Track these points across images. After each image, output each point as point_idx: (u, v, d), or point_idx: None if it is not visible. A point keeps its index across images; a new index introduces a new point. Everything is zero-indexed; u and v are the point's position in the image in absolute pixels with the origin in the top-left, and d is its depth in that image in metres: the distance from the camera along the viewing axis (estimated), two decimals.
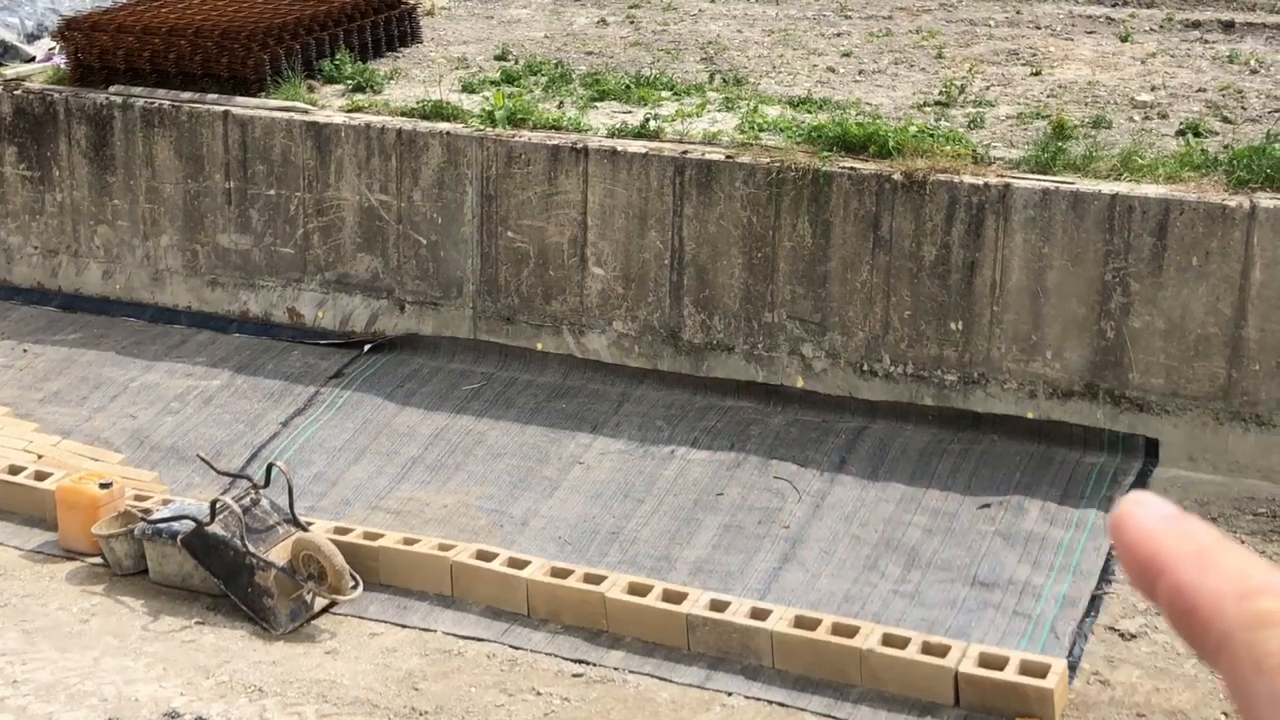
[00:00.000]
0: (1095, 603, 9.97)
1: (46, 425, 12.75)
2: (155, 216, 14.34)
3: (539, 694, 9.50)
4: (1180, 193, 11.10)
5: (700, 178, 12.22)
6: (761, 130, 12.68)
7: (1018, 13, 17.13)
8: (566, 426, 12.22)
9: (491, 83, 14.41)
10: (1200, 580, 0.88)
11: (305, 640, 10.24)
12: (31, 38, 16.39)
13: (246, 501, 10.55)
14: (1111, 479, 11.05)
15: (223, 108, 13.95)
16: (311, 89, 14.31)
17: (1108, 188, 11.26)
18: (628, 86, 14.08)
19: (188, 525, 10.46)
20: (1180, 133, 12.60)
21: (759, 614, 9.77)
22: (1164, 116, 13.14)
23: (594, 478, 11.62)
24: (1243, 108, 13.40)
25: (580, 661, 9.84)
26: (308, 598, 10.41)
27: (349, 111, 13.74)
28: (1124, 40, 15.72)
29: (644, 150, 12.46)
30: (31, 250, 14.97)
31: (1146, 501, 0.95)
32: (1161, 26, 16.37)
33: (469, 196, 13.07)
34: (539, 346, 12.99)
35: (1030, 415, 11.51)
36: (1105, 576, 10.18)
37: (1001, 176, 11.55)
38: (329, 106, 13.93)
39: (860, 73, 14.84)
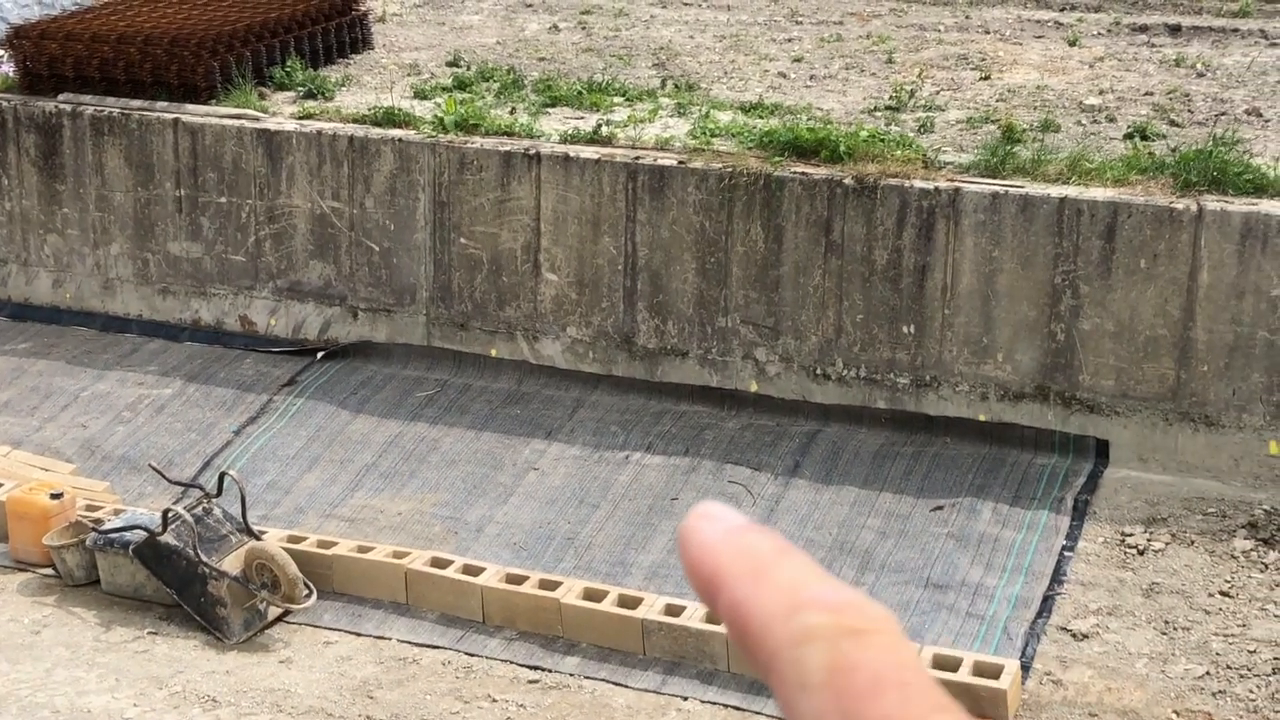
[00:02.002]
0: (1047, 603, 10.04)
1: None
2: (105, 225, 14.25)
3: (494, 701, 9.49)
4: (1128, 196, 11.19)
5: (653, 183, 12.25)
6: (713, 136, 12.71)
7: (967, 17, 17.24)
8: (521, 432, 12.21)
9: (443, 89, 14.39)
10: (754, 595, 0.85)
11: (259, 650, 10.20)
12: None
13: (199, 511, 10.50)
14: (1063, 480, 11.13)
15: (173, 115, 13.88)
16: (262, 96, 14.26)
17: (1056, 191, 11.35)
18: (580, 92, 14.09)
19: (140, 535, 10.40)
20: (1128, 136, 12.70)
21: (714, 618, 9.77)
22: (1112, 120, 13.25)
23: (549, 484, 11.62)
24: (1190, 111, 13.52)
25: (536, 668, 9.84)
26: (261, 607, 10.37)
27: (300, 119, 13.70)
28: (1072, 44, 15.84)
29: (596, 156, 12.47)
30: None
31: (712, 514, 0.90)
32: (1109, 30, 16.50)
33: (421, 203, 13.05)
34: (493, 353, 12.98)
35: (982, 417, 11.58)
36: (1057, 577, 10.25)
37: (952, 181, 11.62)
38: (280, 114, 13.88)
39: (811, 78, 14.90)
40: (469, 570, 10.43)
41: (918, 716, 0.80)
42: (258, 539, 10.53)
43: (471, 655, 10.00)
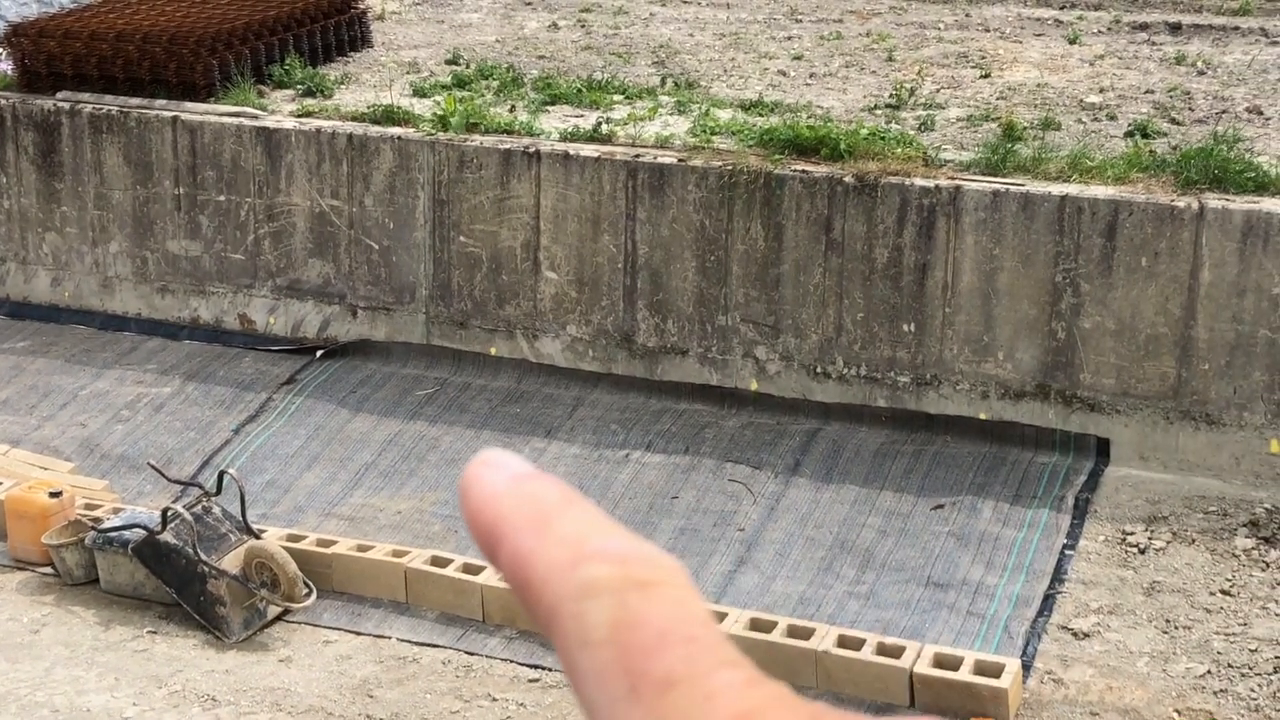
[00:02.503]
0: (1048, 602, 10.02)
1: None
2: (104, 223, 14.23)
3: (494, 700, 9.48)
4: (1129, 194, 11.18)
5: (653, 181, 12.22)
6: (713, 134, 12.69)
7: (967, 16, 17.22)
8: (521, 431, 12.20)
9: (443, 87, 14.37)
10: (537, 546, 0.80)
11: (259, 649, 10.18)
12: None
13: (198, 509, 10.48)
14: (1064, 479, 11.12)
15: (171, 113, 13.85)
16: (261, 94, 14.24)
17: (1057, 189, 11.33)
18: (580, 90, 14.07)
19: (139, 534, 10.38)
20: (1129, 134, 12.69)
21: (714, 617, 9.76)
22: (1112, 118, 13.23)
23: None
24: (1190, 109, 13.50)
25: (536, 667, 9.82)
26: (261, 606, 10.35)
27: (299, 117, 13.67)
28: (1072, 42, 15.82)
29: (596, 154, 12.45)
30: None
31: (496, 461, 0.84)
32: (1109, 28, 16.48)
33: (421, 201, 13.03)
34: (492, 351, 12.96)
35: (982, 416, 11.56)
36: (1058, 576, 10.24)
37: (952, 178, 11.60)
38: (279, 112, 13.86)
39: (811, 76, 14.88)
40: (469, 569, 10.41)
41: (704, 672, 0.75)
42: (257, 538, 10.51)
43: (471, 654, 9.98)
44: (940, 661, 9.23)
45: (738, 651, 0.78)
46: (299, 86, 14.41)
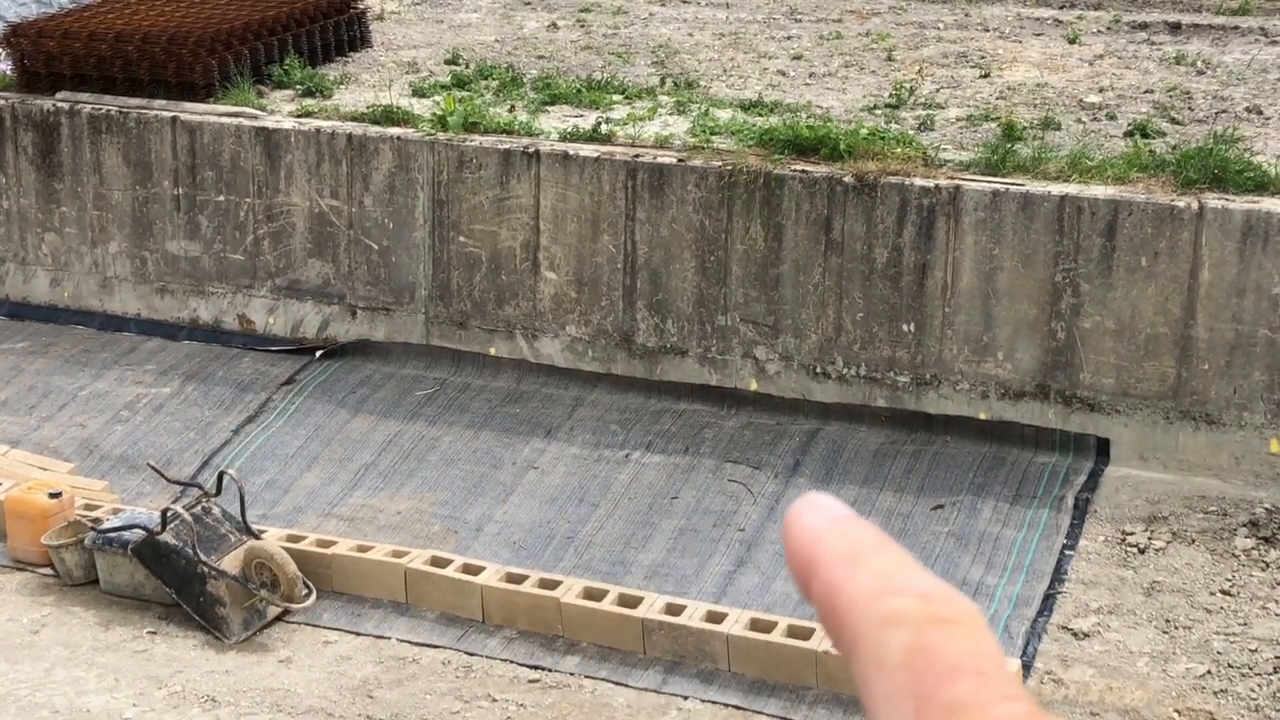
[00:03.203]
0: (1048, 602, 10.02)
1: None
2: (103, 223, 14.22)
3: (494, 700, 9.48)
4: (1129, 193, 11.18)
5: (652, 181, 12.22)
6: (713, 133, 12.69)
7: (966, 15, 17.22)
8: (520, 431, 12.19)
9: (442, 87, 14.37)
10: (847, 578, 0.89)
11: (258, 649, 10.18)
12: None
13: (198, 510, 10.48)
14: (1063, 479, 11.12)
15: (171, 113, 13.85)
16: (260, 94, 14.24)
17: (1057, 189, 11.33)
18: (579, 90, 14.06)
19: (139, 534, 10.38)
20: (1128, 134, 12.69)
21: (714, 617, 9.77)
22: (1112, 118, 13.23)
23: (548, 482, 11.60)
24: (1190, 108, 13.50)
25: (536, 667, 9.82)
26: (260, 606, 10.35)
27: (299, 117, 13.67)
28: (1072, 42, 15.82)
29: (596, 154, 12.45)
30: None
31: (818, 502, 0.94)
32: (1109, 28, 16.48)
33: (420, 201, 13.03)
34: (492, 351, 12.96)
35: (982, 416, 11.56)
36: (1058, 576, 10.24)
37: (952, 178, 11.60)
38: (278, 112, 13.86)
39: (811, 75, 14.88)
40: (469, 569, 10.41)
41: (988, 703, 0.82)
42: (257, 538, 10.51)
43: (471, 654, 9.98)
44: None
45: (1025, 690, 0.85)
46: (298, 87, 14.40)
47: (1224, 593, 10.00)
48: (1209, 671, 9.34)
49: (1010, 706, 0.82)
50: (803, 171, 11.88)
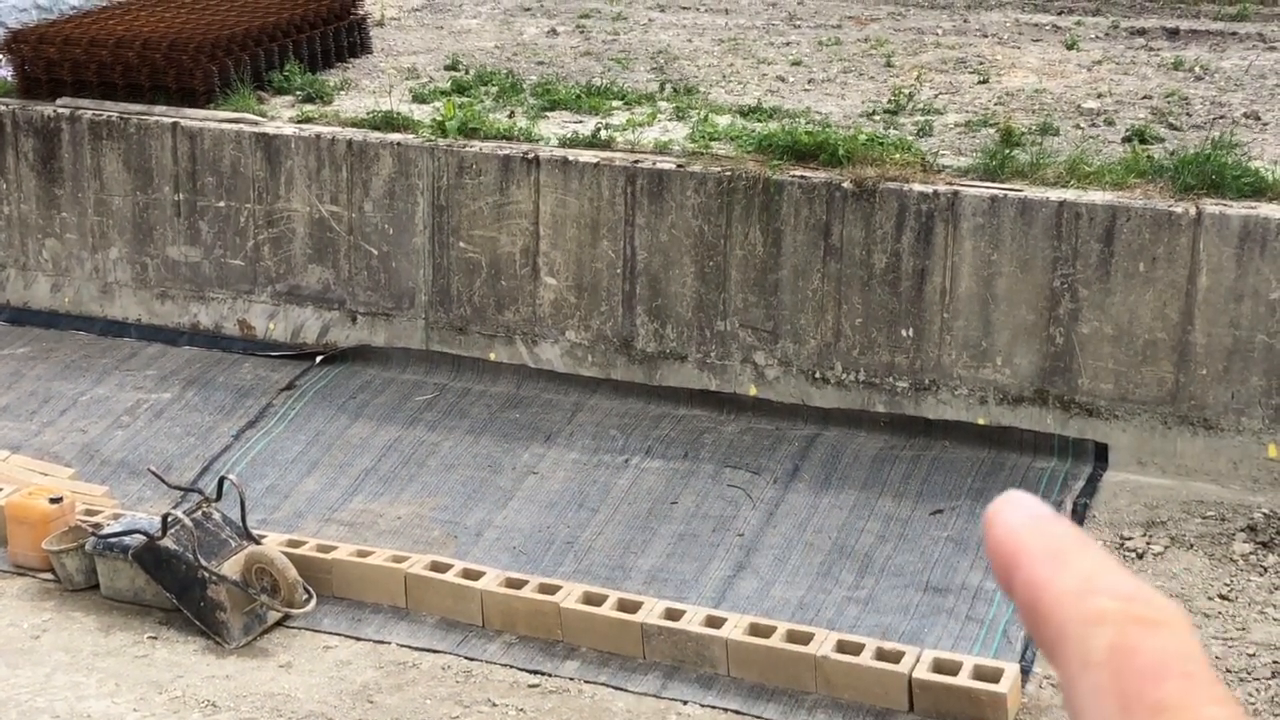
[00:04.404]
0: None
1: None
2: (104, 229, 14.25)
3: (494, 705, 9.49)
4: (1127, 199, 11.20)
5: (652, 187, 12.25)
6: (712, 139, 12.72)
7: (965, 21, 17.25)
8: (520, 437, 12.21)
9: (442, 93, 14.40)
10: (1051, 576, 0.90)
11: (259, 654, 10.20)
12: None
13: (198, 515, 10.50)
14: (1062, 484, 11.14)
15: (171, 119, 13.88)
16: (261, 100, 14.26)
17: (1055, 195, 11.35)
18: (579, 96, 14.09)
19: (139, 540, 10.40)
20: (1126, 139, 12.71)
21: (714, 622, 9.79)
22: (1110, 123, 13.26)
23: (548, 488, 11.62)
24: (1188, 114, 13.53)
25: (535, 672, 9.84)
26: (261, 611, 10.36)
27: (299, 122, 13.69)
28: (1070, 48, 15.85)
29: (595, 160, 12.48)
30: None
31: (1019, 500, 0.96)
32: (1107, 34, 16.51)
33: (420, 207, 13.06)
34: (492, 357, 12.98)
35: (981, 421, 11.58)
36: None
37: (950, 184, 11.63)
38: (279, 118, 13.88)
39: (810, 81, 14.91)
40: (468, 574, 10.42)
41: (1194, 704, 0.83)
42: (257, 543, 10.53)
43: (471, 659, 9.99)
44: (939, 666, 9.24)
45: (1230, 694, 0.87)
46: (298, 93, 14.43)
47: (1222, 597, 10.02)
48: None
49: (1217, 710, 0.83)
50: (801, 177, 11.90)
